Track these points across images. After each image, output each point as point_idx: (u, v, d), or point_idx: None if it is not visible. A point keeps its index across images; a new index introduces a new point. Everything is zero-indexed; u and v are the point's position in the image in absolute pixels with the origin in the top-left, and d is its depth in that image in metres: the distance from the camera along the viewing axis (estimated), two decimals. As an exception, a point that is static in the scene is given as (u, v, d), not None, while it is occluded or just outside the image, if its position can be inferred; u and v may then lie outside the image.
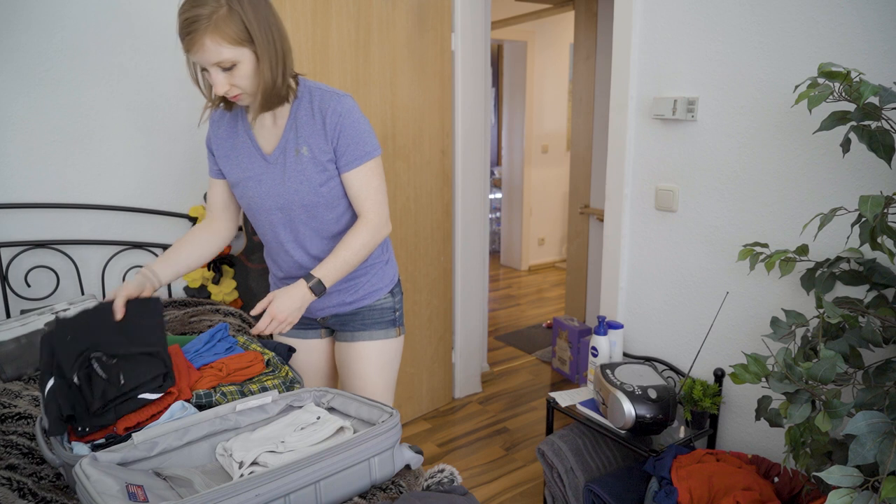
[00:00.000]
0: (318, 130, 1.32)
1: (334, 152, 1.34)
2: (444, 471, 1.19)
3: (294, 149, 1.33)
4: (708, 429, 1.82)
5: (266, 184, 1.37)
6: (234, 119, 1.40)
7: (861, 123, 1.19)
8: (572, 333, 3.14)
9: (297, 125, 1.33)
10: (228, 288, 2.34)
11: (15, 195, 1.98)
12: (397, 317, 1.55)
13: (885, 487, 0.94)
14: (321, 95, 1.33)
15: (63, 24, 1.98)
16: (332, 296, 1.48)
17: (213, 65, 1.19)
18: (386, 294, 1.52)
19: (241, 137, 1.39)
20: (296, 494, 0.97)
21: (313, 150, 1.33)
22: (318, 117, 1.32)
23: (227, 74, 1.21)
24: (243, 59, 1.20)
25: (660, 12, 1.85)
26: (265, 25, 1.21)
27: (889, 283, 1.35)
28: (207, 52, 1.16)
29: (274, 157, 1.36)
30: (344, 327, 1.54)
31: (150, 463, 1.09)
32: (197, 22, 1.14)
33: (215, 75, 1.20)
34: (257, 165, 1.37)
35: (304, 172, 1.34)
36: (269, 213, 1.40)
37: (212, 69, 1.20)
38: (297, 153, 1.33)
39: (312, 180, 1.34)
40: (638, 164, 2.00)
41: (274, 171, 1.36)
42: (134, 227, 2.21)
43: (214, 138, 1.43)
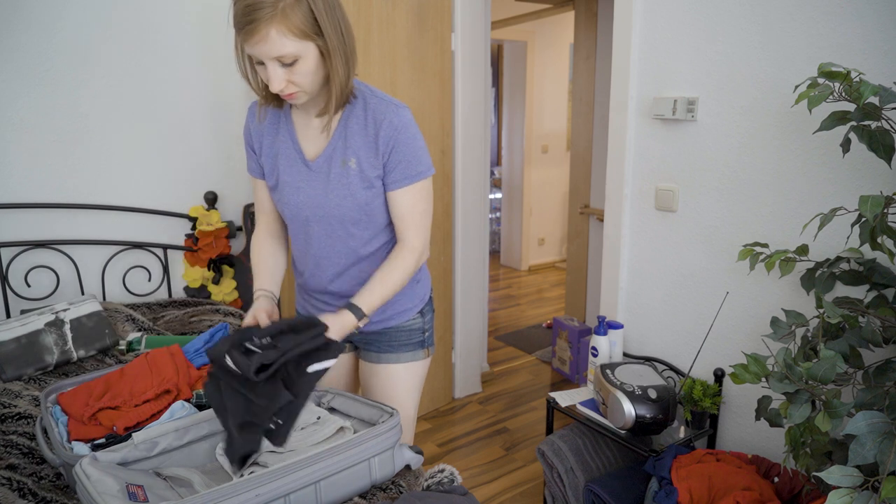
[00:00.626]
0: (369, 142, 1.21)
1: (384, 168, 1.22)
2: (444, 471, 1.19)
3: (341, 159, 1.22)
4: (708, 429, 1.82)
5: (305, 192, 1.25)
6: (277, 117, 1.28)
7: (861, 123, 1.19)
8: (572, 333, 3.14)
9: (346, 133, 1.22)
10: (228, 288, 2.34)
11: (15, 195, 1.98)
12: (426, 337, 1.45)
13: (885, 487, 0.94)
14: (377, 104, 1.21)
15: (63, 24, 1.98)
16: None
17: (273, 59, 1.06)
18: (415, 315, 1.41)
19: (282, 138, 1.27)
20: (296, 494, 0.97)
21: (361, 164, 1.21)
22: (372, 128, 1.20)
23: (286, 70, 1.08)
24: (307, 55, 1.07)
25: (660, 12, 1.85)
26: (334, 18, 1.09)
27: (889, 283, 1.35)
28: (269, 44, 1.03)
29: (318, 165, 1.24)
30: (369, 346, 1.43)
31: (151, 463, 1.09)
32: (261, 10, 1.00)
33: (273, 70, 1.07)
34: (298, 171, 1.25)
35: (349, 186, 1.22)
36: (304, 224, 1.29)
37: (270, 63, 1.07)
38: (344, 164, 1.22)
39: (357, 196, 1.23)
40: (638, 164, 2.00)
41: (316, 180, 1.24)
42: (134, 227, 2.21)
43: (256, 134, 1.30)
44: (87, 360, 1.75)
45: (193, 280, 2.29)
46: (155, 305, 2.16)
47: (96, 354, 1.78)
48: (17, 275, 2.01)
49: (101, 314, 1.82)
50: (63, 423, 1.22)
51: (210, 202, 2.32)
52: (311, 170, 1.25)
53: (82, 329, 1.75)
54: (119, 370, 1.36)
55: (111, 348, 1.81)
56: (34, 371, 1.65)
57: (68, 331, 1.73)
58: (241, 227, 2.40)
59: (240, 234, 2.41)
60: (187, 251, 2.29)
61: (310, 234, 1.30)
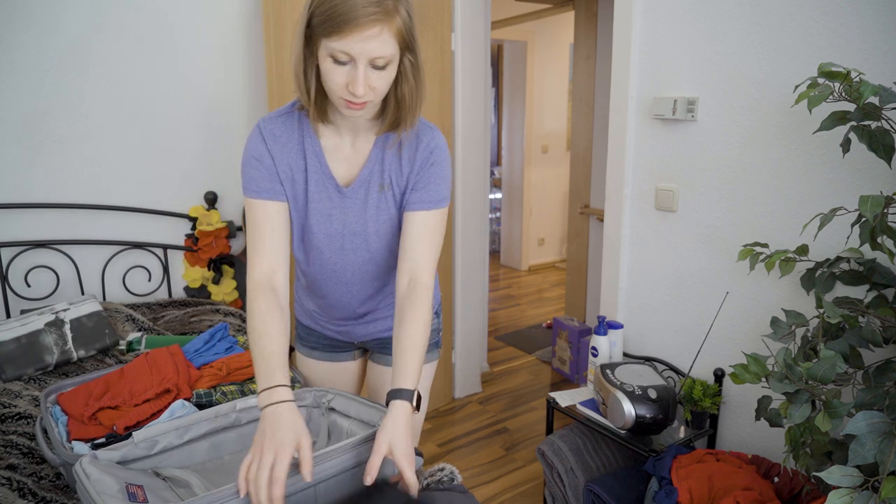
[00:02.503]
0: (403, 162, 1.15)
1: (407, 184, 1.15)
2: (444, 469, 1.19)
3: (379, 183, 1.15)
4: (708, 429, 1.82)
5: (338, 220, 1.16)
6: (301, 135, 1.15)
7: (861, 123, 1.19)
8: (572, 333, 3.14)
9: (383, 156, 1.15)
10: (228, 288, 2.34)
11: (15, 195, 1.98)
12: (437, 338, 1.43)
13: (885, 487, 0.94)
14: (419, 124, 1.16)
15: (63, 24, 1.98)
16: (378, 322, 1.34)
17: (370, 59, 0.99)
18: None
19: (309, 161, 1.14)
20: (294, 497, 0.97)
21: (395, 185, 1.15)
22: (409, 148, 1.15)
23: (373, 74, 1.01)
24: (394, 64, 1.02)
25: (660, 12, 1.85)
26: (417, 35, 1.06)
27: (889, 283, 1.35)
28: (376, 43, 0.97)
29: (352, 191, 1.15)
30: (384, 350, 1.38)
31: (151, 461, 1.09)
32: (382, 4, 0.96)
33: (364, 71, 0.99)
34: (328, 197, 1.15)
35: (388, 211, 1.17)
36: (332, 253, 1.20)
37: (362, 63, 0.99)
38: (382, 189, 1.15)
39: (395, 220, 1.18)
40: (638, 164, 2.00)
41: (351, 207, 1.16)
42: (134, 227, 2.21)
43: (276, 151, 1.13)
44: (87, 360, 1.75)
45: (193, 280, 2.29)
46: (155, 305, 2.16)
47: (96, 354, 1.78)
48: (17, 275, 2.01)
49: (101, 314, 1.82)
50: (63, 423, 1.22)
51: (210, 202, 2.32)
52: (346, 196, 1.15)
53: (82, 329, 1.75)
54: (119, 370, 1.36)
55: (111, 348, 1.81)
56: (34, 371, 1.65)
57: (68, 331, 1.73)
58: (241, 227, 2.40)
59: (240, 234, 2.41)
60: (187, 251, 2.29)
61: (336, 265, 1.21)
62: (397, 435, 0.98)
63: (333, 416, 1.26)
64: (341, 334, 1.37)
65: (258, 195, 1.12)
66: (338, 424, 1.24)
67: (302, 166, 1.14)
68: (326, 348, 1.41)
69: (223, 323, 1.64)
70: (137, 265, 2.23)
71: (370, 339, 1.38)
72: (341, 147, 1.15)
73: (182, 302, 2.21)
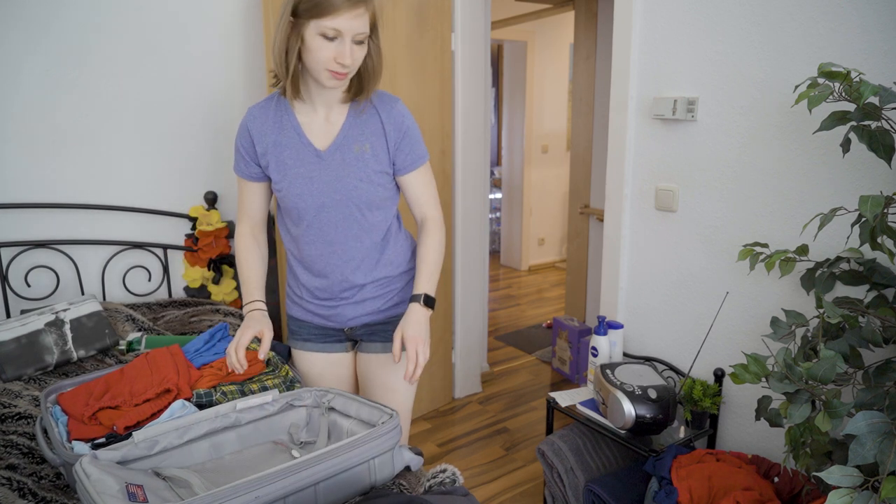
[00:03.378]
0: (377, 130, 1.35)
1: (394, 153, 1.36)
2: (445, 471, 1.19)
3: (354, 146, 1.34)
4: (708, 429, 1.82)
5: (319, 181, 1.33)
6: (279, 115, 1.36)
7: (861, 123, 1.19)
8: (572, 333, 3.14)
9: (357, 122, 1.35)
10: (228, 288, 2.34)
11: (15, 195, 1.98)
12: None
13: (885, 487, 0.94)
14: (380, 97, 1.37)
15: (63, 25, 1.98)
16: (367, 302, 1.44)
17: (354, 35, 1.21)
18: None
19: (288, 133, 1.35)
20: (295, 497, 0.97)
21: (375, 149, 1.34)
22: (380, 115, 1.35)
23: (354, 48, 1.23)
24: (366, 41, 1.26)
25: (660, 12, 1.85)
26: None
27: (889, 283, 1.35)
28: (359, 20, 1.20)
29: (329, 154, 1.34)
30: (373, 337, 1.48)
31: (151, 461, 1.09)
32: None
33: (348, 46, 1.21)
34: (308, 161, 1.34)
35: (365, 169, 1.34)
36: (319, 211, 1.35)
37: (348, 39, 1.21)
38: (358, 150, 1.34)
39: (373, 179, 1.35)
40: (638, 164, 2.00)
41: (329, 168, 1.33)
42: (134, 227, 2.21)
43: (259, 135, 1.36)
44: (87, 360, 1.75)
45: (193, 280, 2.29)
46: (155, 305, 2.16)
47: (96, 354, 1.78)
48: (17, 275, 2.01)
49: (101, 314, 1.82)
50: (63, 423, 1.22)
51: (210, 202, 2.32)
52: (324, 159, 1.34)
53: (82, 329, 1.76)
54: (119, 370, 1.36)
55: (111, 348, 1.81)
56: (34, 371, 1.65)
57: (68, 331, 1.73)
58: (241, 227, 2.41)
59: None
60: (187, 251, 2.29)
61: (324, 224, 1.37)
62: (408, 324, 1.30)
63: (333, 416, 1.26)
64: (331, 319, 1.46)
65: (241, 174, 1.41)
66: (338, 424, 1.25)
67: (281, 140, 1.35)
68: (318, 338, 1.50)
69: (223, 323, 1.64)
70: (137, 265, 2.23)
71: (359, 323, 1.47)
72: (316, 120, 1.35)
73: (182, 302, 2.21)
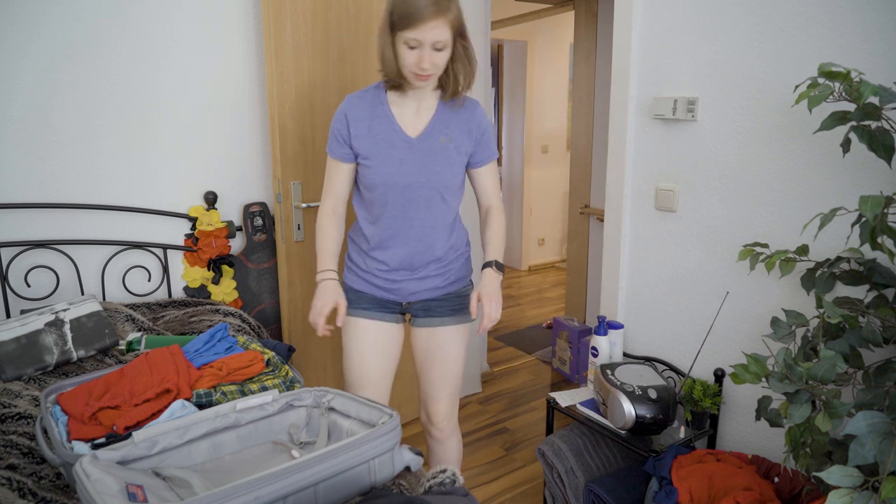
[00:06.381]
0: (462, 126, 1.55)
1: (475, 147, 1.57)
2: (445, 471, 1.19)
3: (440, 137, 1.52)
4: (708, 429, 1.82)
5: (408, 163, 1.51)
6: (374, 103, 1.55)
7: (861, 123, 1.19)
8: (572, 333, 3.14)
9: (445, 118, 1.54)
10: (228, 288, 2.34)
11: (15, 195, 1.98)
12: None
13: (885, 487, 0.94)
14: (466, 97, 1.57)
15: (63, 24, 1.98)
16: (429, 279, 1.62)
17: (433, 43, 1.38)
18: (468, 282, 1.71)
19: (380, 120, 1.53)
20: (295, 497, 0.97)
21: (457, 142, 1.54)
22: (464, 115, 1.55)
23: (434, 54, 1.40)
24: (449, 46, 1.42)
25: (660, 12, 1.85)
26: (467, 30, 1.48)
27: (889, 283, 1.35)
28: (435, 30, 1.36)
29: (419, 141, 1.52)
30: (429, 313, 1.66)
31: (150, 461, 1.09)
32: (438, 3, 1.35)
33: (427, 52, 1.39)
34: (400, 146, 1.52)
35: (449, 158, 1.53)
36: (403, 191, 1.52)
37: (427, 46, 1.38)
38: (443, 141, 1.52)
39: (454, 167, 1.54)
40: (638, 164, 2.00)
41: (418, 153, 1.52)
42: (134, 227, 2.21)
43: (355, 120, 1.54)
44: (87, 360, 1.75)
45: (193, 280, 2.29)
46: (155, 305, 2.16)
47: (96, 354, 1.77)
48: (17, 275, 2.01)
49: (101, 314, 1.82)
50: (63, 423, 1.21)
51: (210, 202, 2.32)
52: (413, 145, 1.52)
53: (82, 329, 1.75)
54: (119, 370, 1.36)
55: (111, 348, 1.81)
56: (34, 371, 1.65)
57: (68, 331, 1.73)
58: (240, 227, 2.40)
59: (240, 234, 2.41)
60: (187, 251, 2.29)
61: (409, 202, 1.54)
62: (484, 284, 1.51)
63: (333, 416, 1.26)
64: (393, 292, 1.63)
65: (333, 155, 1.58)
66: (338, 424, 1.25)
67: (375, 126, 1.53)
68: (375, 308, 1.66)
69: (223, 323, 1.64)
70: (137, 265, 2.23)
71: (417, 299, 1.65)
72: (407, 111, 1.54)
73: (182, 302, 2.21)
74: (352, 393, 1.45)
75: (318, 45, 2.19)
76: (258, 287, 2.41)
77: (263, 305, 2.42)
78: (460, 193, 1.61)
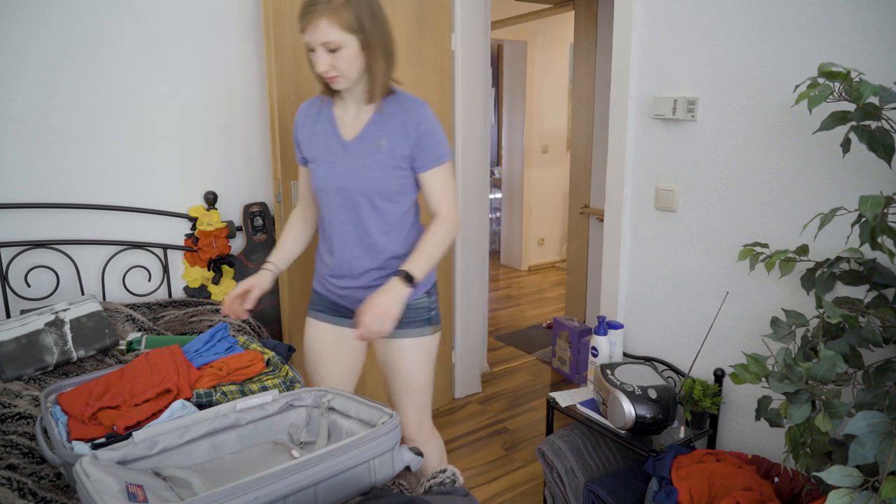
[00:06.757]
0: (397, 127, 1.46)
1: (413, 151, 1.46)
2: (445, 471, 1.19)
3: (374, 140, 1.46)
4: (708, 429, 1.82)
5: (340, 167, 1.49)
6: (321, 108, 1.55)
7: (861, 123, 1.19)
8: (572, 333, 3.14)
9: (381, 120, 1.47)
10: (228, 288, 2.34)
11: (15, 195, 1.98)
12: (433, 315, 1.61)
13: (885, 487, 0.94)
14: (405, 98, 1.49)
15: (63, 24, 1.98)
16: (372, 289, 1.53)
17: (321, 44, 1.34)
18: (423, 294, 1.58)
19: (323, 123, 1.53)
20: (295, 497, 0.97)
21: (392, 144, 1.46)
22: (401, 116, 1.46)
23: (330, 55, 1.36)
24: (347, 45, 1.35)
25: (660, 12, 1.85)
26: (378, 22, 1.39)
27: (889, 283, 1.35)
28: (318, 32, 1.33)
29: (352, 145, 1.48)
30: None
31: (151, 461, 1.09)
32: (316, 5, 1.32)
33: (320, 55, 1.36)
34: (335, 149, 1.50)
35: (379, 162, 1.46)
36: (335, 195, 1.50)
37: (318, 48, 1.35)
38: (376, 144, 1.46)
39: (385, 171, 1.47)
40: (638, 164, 2.00)
41: (350, 157, 1.48)
42: (134, 227, 2.21)
43: (301, 127, 1.57)
44: (87, 360, 1.75)
45: (193, 280, 2.29)
46: (155, 305, 2.16)
47: (96, 354, 1.78)
48: (17, 275, 2.01)
49: (101, 314, 1.82)
50: (63, 423, 1.21)
51: (210, 202, 2.32)
52: (347, 148, 1.49)
53: (82, 329, 1.75)
54: (119, 370, 1.36)
55: (111, 348, 1.81)
56: (34, 371, 1.65)
57: (68, 331, 1.73)
58: (240, 227, 2.40)
59: (240, 234, 2.41)
60: (187, 251, 2.29)
61: (341, 207, 1.51)
62: (378, 292, 1.39)
63: (333, 416, 1.26)
64: (344, 298, 1.60)
65: (297, 160, 1.62)
66: (338, 424, 1.25)
67: (317, 129, 1.53)
68: (332, 311, 1.64)
69: (223, 323, 1.64)
70: (137, 265, 2.23)
71: None
72: (349, 114, 1.51)
73: (182, 302, 2.21)
74: None
75: (318, 45, 2.19)
76: (258, 287, 2.41)
77: (263, 305, 2.42)
78: (404, 199, 1.51)
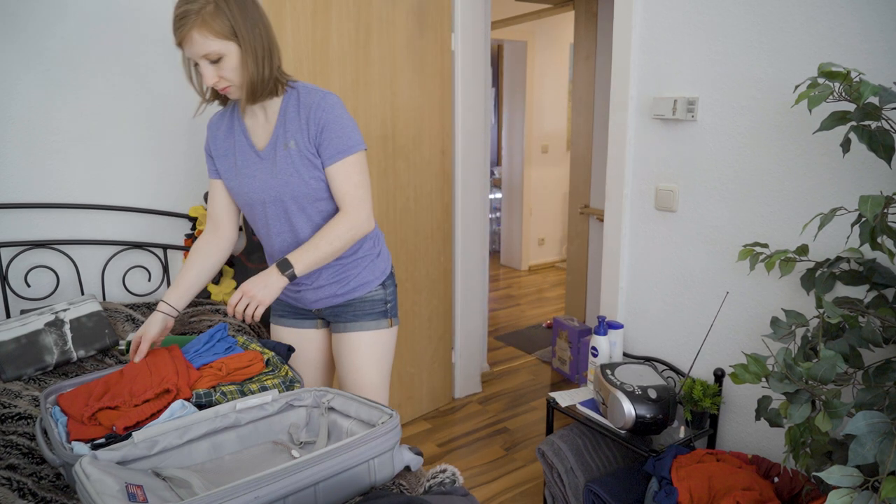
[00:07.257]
0: (301, 126, 1.39)
1: (317, 147, 1.39)
2: (445, 471, 1.19)
3: (283, 143, 1.40)
4: (708, 429, 1.82)
5: (259, 178, 1.43)
6: (231, 120, 1.47)
7: (861, 123, 1.19)
8: (572, 333, 3.14)
9: (285, 121, 1.40)
10: (228, 288, 2.34)
11: (15, 195, 1.98)
12: (388, 308, 1.59)
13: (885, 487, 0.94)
14: (306, 92, 1.40)
15: (63, 24, 1.98)
16: (325, 288, 1.52)
17: (202, 57, 1.28)
18: (377, 287, 1.56)
19: (236, 136, 1.46)
20: (294, 497, 0.97)
21: (299, 145, 1.39)
22: (303, 112, 1.38)
23: (215, 67, 1.30)
24: (229, 53, 1.29)
25: (660, 12, 1.85)
26: (250, 22, 1.30)
27: (889, 283, 1.35)
28: (195, 45, 1.26)
29: (266, 153, 1.42)
30: (337, 318, 1.58)
31: (150, 462, 1.09)
32: (186, 17, 1.24)
33: (204, 68, 1.30)
34: (251, 161, 1.44)
35: (293, 165, 1.39)
36: (263, 207, 1.45)
37: (201, 62, 1.29)
38: (286, 147, 1.39)
39: (301, 173, 1.40)
40: (638, 164, 2.00)
41: (265, 166, 1.42)
42: (134, 227, 2.21)
43: (213, 140, 1.50)
44: (87, 360, 1.75)
45: (193, 280, 2.29)
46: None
47: (96, 354, 1.78)
48: (17, 275, 2.01)
49: (101, 314, 1.82)
50: (63, 424, 1.21)
51: (210, 202, 2.32)
52: (261, 158, 1.42)
53: (82, 329, 1.75)
54: (119, 370, 1.36)
55: (111, 348, 1.81)
56: (34, 371, 1.65)
57: (68, 331, 1.73)
58: (240, 227, 2.40)
59: (240, 234, 2.41)
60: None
61: (269, 218, 1.46)
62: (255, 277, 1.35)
63: (333, 416, 1.26)
64: (298, 300, 1.58)
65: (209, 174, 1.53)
66: (338, 424, 1.25)
67: (231, 142, 1.46)
68: (290, 315, 1.63)
69: (223, 323, 1.64)
70: (137, 265, 2.23)
71: (323, 306, 1.57)
72: (259, 121, 1.44)
73: (182, 302, 2.21)
74: None
75: (317, 45, 2.19)
76: (258, 287, 2.41)
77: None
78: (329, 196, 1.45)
